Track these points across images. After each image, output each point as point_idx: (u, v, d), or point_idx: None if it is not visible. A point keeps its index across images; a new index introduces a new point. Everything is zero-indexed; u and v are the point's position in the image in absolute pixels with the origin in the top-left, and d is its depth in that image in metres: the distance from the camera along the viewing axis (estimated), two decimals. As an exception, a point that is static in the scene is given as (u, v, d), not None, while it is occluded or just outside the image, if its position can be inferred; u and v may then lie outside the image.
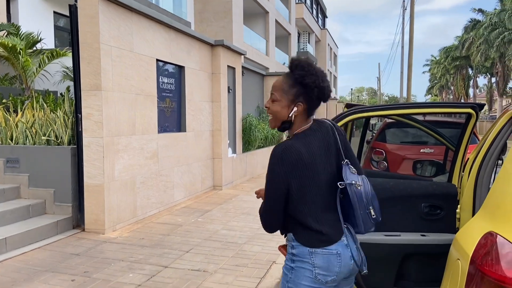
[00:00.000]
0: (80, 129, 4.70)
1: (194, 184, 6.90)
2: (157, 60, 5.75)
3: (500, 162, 2.62)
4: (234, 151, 8.34)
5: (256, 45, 21.25)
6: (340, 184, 1.58)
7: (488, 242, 1.36)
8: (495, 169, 2.66)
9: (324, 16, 45.22)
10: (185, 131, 6.58)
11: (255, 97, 10.92)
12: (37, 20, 10.00)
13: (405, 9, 20.51)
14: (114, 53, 4.78)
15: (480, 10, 36.04)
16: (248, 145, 9.19)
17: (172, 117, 6.37)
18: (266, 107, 1.65)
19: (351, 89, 79.03)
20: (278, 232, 1.69)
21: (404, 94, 22.71)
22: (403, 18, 21.19)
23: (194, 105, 6.84)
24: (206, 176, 7.37)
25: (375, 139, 6.98)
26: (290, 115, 1.60)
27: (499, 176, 1.62)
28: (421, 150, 6.37)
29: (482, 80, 52.38)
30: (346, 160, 1.64)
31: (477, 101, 48.85)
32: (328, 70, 41.63)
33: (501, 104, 37.57)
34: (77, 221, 4.84)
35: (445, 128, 6.89)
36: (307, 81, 1.57)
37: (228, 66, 7.84)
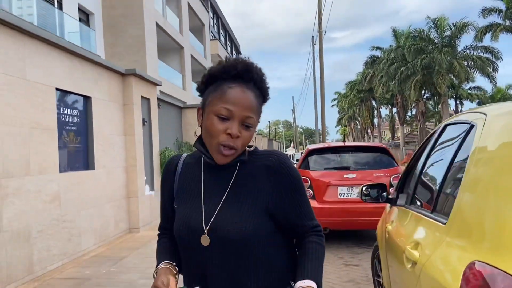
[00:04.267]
0: (-45, 172, 3.83)
1: (106, 228, 6.10)
2: (57, 89, 5.06)
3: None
4: (152, 188, 7.67)
5: (173, 80, 20.84)
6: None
7: (476, 275, 1.08)
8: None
9: (238, 52, 46.44)
10: (94, 169, 5.84)
11: (174, 130, 10.41)
12: None
13: (315, 44, 21.68)
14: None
15: (378, 48, 39.67)
16: (167, 182, 8.55)
17: (77, 153, 5.62)
18: (235, 136, 1.15)
19: (269, 122, 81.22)
20: None
21: (319, 126, 23.65)
22: (313, 54, 22.36)
23: (103, 139, 6.15)
24: (121, 218, 6.60)
25: (299, 167, 6.86)
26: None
27: (464, 185, 1.38)
28: (344, 176, 6.36)
29: (384, 111, 57.20)
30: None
31: (381, 130, 52.95)
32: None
33: (403, 131, 41.04)
34: (-48, 287, 3.87)
35: (368, 153, 7.04)
36: (268, 97, 1.27)
37: (142, 97, 7.30)
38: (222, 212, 1.16)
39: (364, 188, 3.21)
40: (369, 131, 56.52)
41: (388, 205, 3.27)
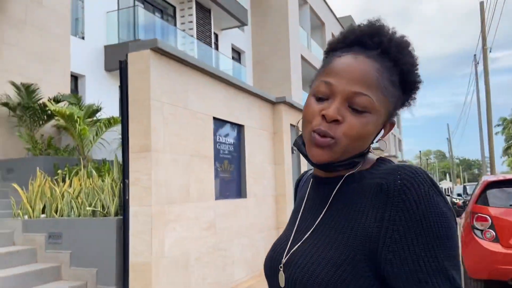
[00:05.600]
0: (127, 197, 4.09)
1: (256, 259, 5.96)
2: (214, 118, 5.20)
3: None
4: (301, 220, 7.37)
5: (316, 110, 20.82)
6: None
7: None
8: None
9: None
10: (246, 197, 5.80)
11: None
12: (103, 94, 10.24)
13: (477, 63, 19.28)
14: (166, 110, 4.27)
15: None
16: (316, 213, 8.19)
17: (231, 181, 5.66)
18: (330, 118, 0.76)
19: (420, 151, 74.97)
20: None
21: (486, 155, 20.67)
22: (476, 74, 19.82)
23: (254, 168, 6.12)
24: (271, 249, 6.41)
25: (474, 202, 5.74)
26: (376, 140, 0.85)
27: None
28: (540, 215, 5.06)
29: None
30: None
31: None
32: (391, 133, 40.09)
33: None
34: (121, 307, 4.07)
35: None
36: (416, 80, 0.83)
37: (291, 124, 7.18)
38: (305, 243, 0.81)
39: None
40: None
41: None
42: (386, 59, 0.79)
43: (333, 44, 0.87)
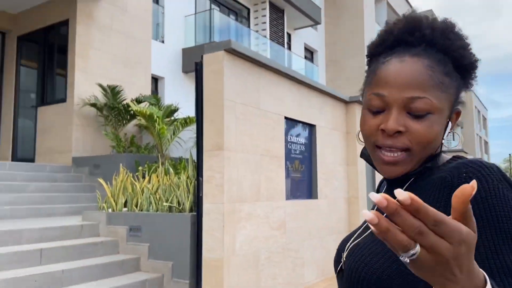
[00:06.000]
0: (200, 194, 4.22)
1: (328, 262, 5.83)
2: (285, 118, 5.18)
3: None
4: (374, 224, 7.09)
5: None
6: None
7: None
8: None
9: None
10: (317, 198, 5.71)
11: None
12: (180, 95, 10.71)
13: None
14: (238, 110, 4.34)
15: None
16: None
17: (301, 181, 5.60)
18: (391, 131, 0.73)
19: (509, 154, 68.22)
20: None
21: None
22: None
23: (326, 168, 6.00)
24: (342, 252, 6.24)
25: None
26: (446, 135, 0.79)
27: None
28: None
29: None
30: None
31: None
32: (477, 134, 37.16)
33: None
34: (194, 301, 4.21)
35: None
36: (472, 60, 0.77)
37: (365, 125, 6.94)
38: (365, 237, 0.81)
39: None
40: None
41: None
42: (434, 51, 0.75)
43: (372, 48, 0.83)
